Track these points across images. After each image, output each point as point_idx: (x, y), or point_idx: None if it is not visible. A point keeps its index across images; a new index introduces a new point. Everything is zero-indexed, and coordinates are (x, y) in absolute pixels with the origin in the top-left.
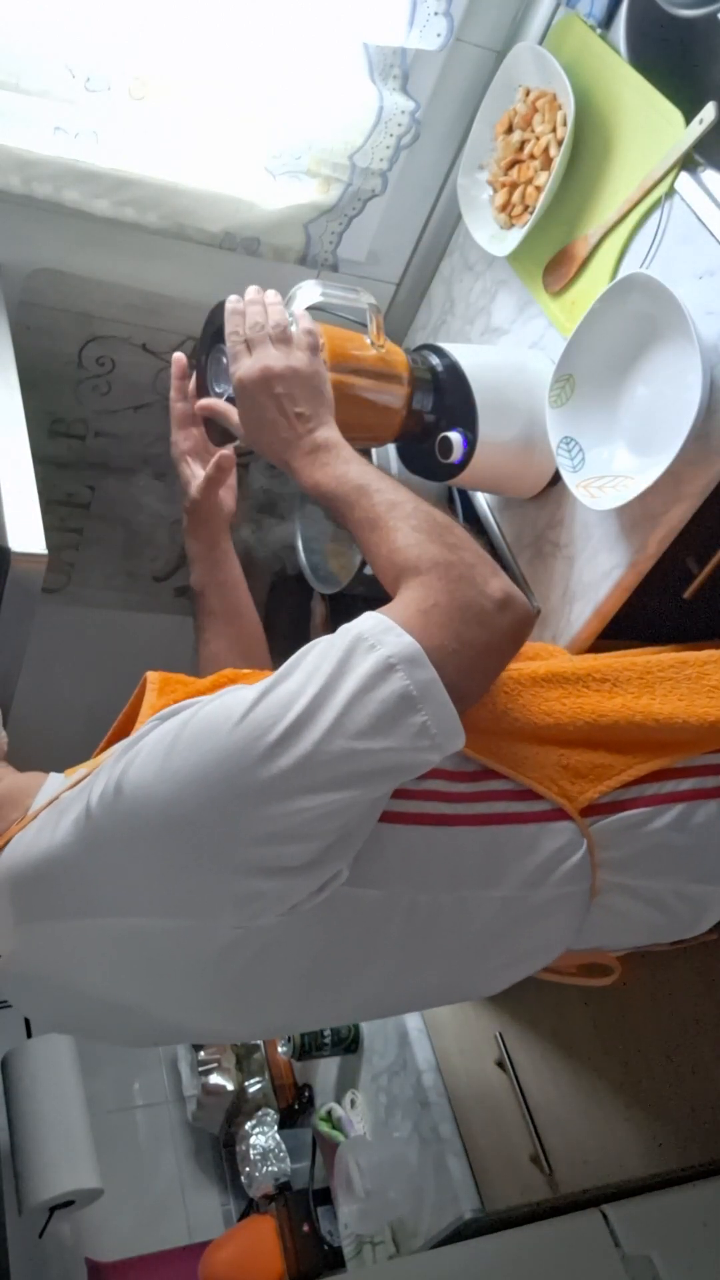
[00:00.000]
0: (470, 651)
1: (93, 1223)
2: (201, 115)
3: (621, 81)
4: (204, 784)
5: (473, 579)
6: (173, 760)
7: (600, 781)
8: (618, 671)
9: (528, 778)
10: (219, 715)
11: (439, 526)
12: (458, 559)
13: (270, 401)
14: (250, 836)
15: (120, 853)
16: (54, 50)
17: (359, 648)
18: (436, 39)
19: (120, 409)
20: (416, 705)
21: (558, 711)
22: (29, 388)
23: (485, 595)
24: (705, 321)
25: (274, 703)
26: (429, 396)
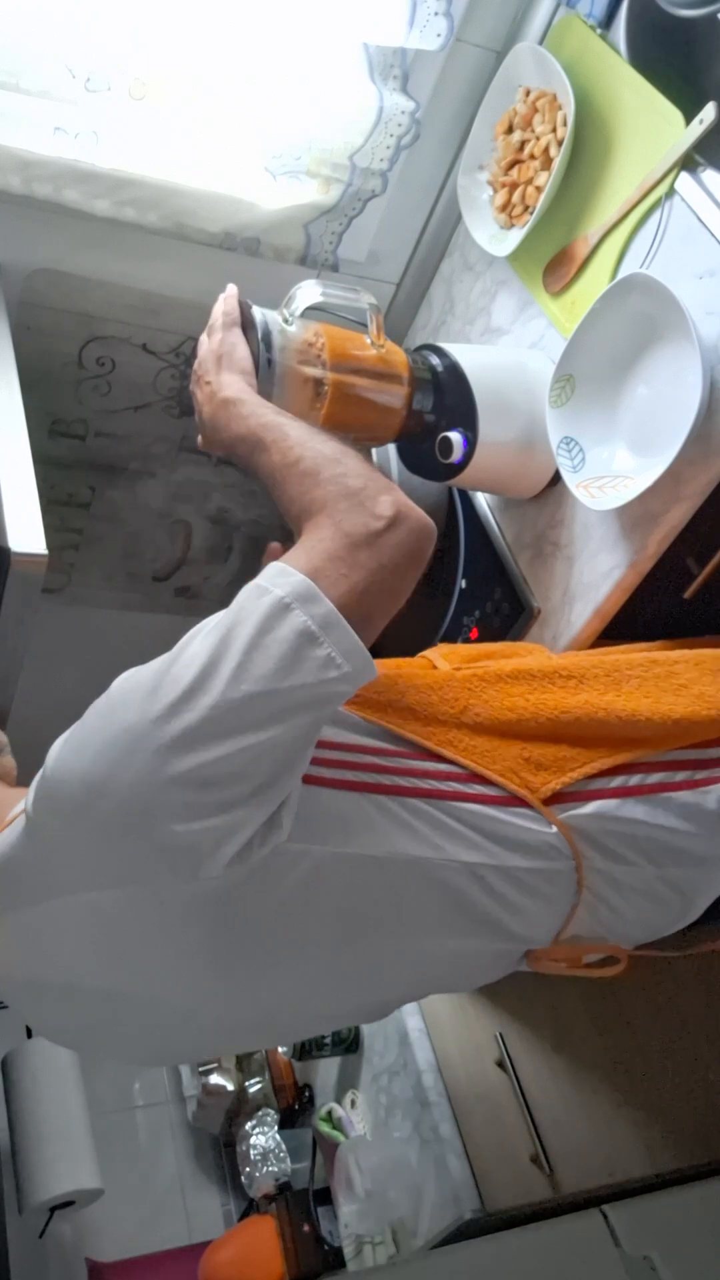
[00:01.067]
0: (365, 575)
1: (93, 1223)
2: (201, 115)
3: (621, 82)
4: (114, 748)
5: (358, 503)
6: (85, 733)
7: (563, 773)
8: (585, 669)
9: (488, 769)
10: (126, 683)
11: (325, 460)
12: (340, 488)
13: (198, 392)
14: (166, 788)
15: (56, 832)
16: (54, 50)
17: (254, 596)
18: (436, 39)
19: (120, 409)
20: (317, 638)
21: (520, 707)
22: (29, 388)
23: (372, 515)
24: (705, 321)
25: (177, 664)
26: (429, 396)
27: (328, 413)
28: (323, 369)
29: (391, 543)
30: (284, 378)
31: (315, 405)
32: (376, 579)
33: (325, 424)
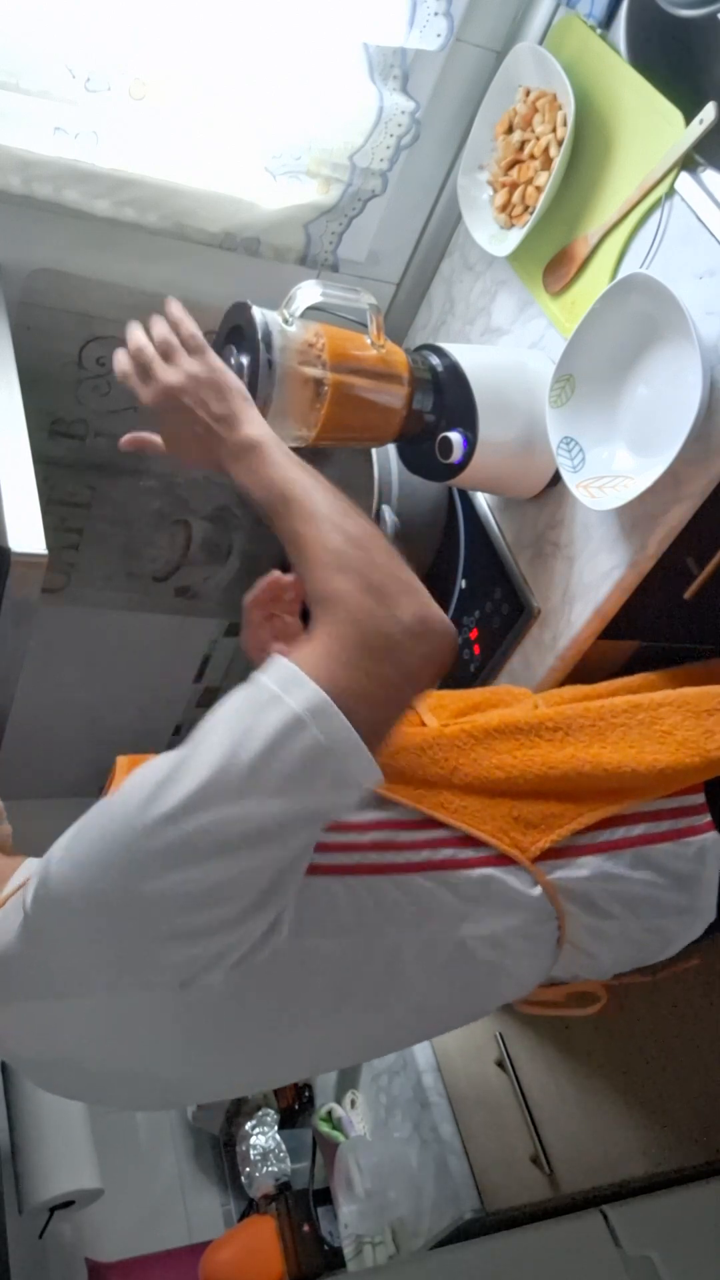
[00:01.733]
0: (383, 687)
1: (93, 1223)
2: (202, 115)
3: (621, 81)
4: (113, 858)
5: (386, 604)
6: (86, 839)
7: (551, 830)
8: (570, 720)
9: (480, 830)
10: (130, 789)
11: (355, 543)
12: (364, 582)
13: (184, 416)
14: (167, 904)
15: (55, 939)
16: (54, 51)
17: (267, 704)
18: (436, 39)
19: (120, 409)
20: (328, 755)
21: (508, 764)
22: (29, 388)
23: (397, 622)
24: (705, 321)
25: (188, 770)
26: (429, 396)
27: (328, 413)
28: (323, 369)
29: (414, 653)
30: (284, 378)
31: (315, 405)
32: (394, 694)
33: (325, 424)
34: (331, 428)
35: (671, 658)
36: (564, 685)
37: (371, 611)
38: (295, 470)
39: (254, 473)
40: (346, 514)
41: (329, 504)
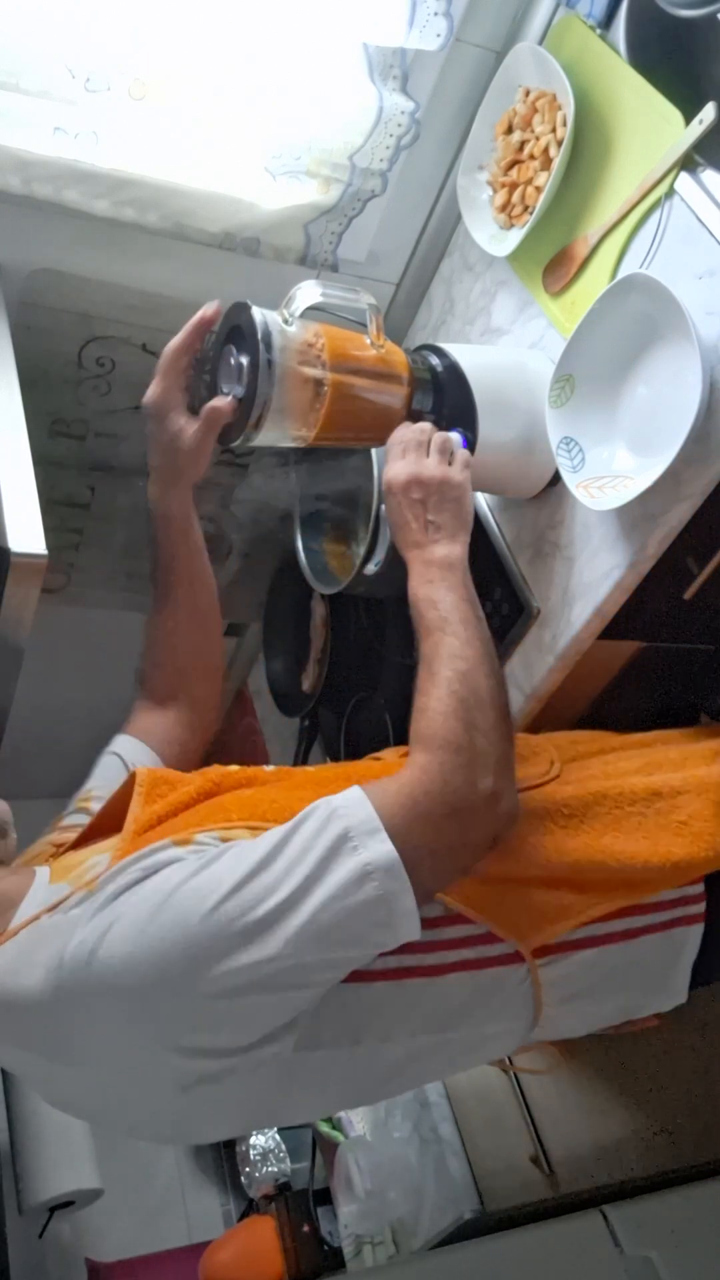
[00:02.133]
0: (447, 851)
1: (93, 1223)
2: (201, 115)
3: (621, 82)
4: (167, 967)
5: (475, 770)
6: (146, 939)
7: (558, 922)
8: (587, 805)
9: (490, 919)
10: (194, 899)
11: (473, 699)
12: (467, 743)
13: (409, 504)
14: (197, 1024)
15: (82, 1015)
16: (54, 51)
17: (342, 848)
18: (436, 39)
19: (120, 409)
20: (382, 909)
21: (521, 850)
22: (29, 388)
23: (476, 792)
24: (705, 322)
25: (250, 895)
26: (429, 397)
27: (327, 413)
28: (323, 369)
29: (483, 823)
30: (284, 378)
31: (315, 405)
32: (455, 857)
33: (325, 424)
34: (331, 428)
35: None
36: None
37: (460, 771)
38: (462, 600)
39: (429, 584)
40: (485, 666)
41: (474, 649)
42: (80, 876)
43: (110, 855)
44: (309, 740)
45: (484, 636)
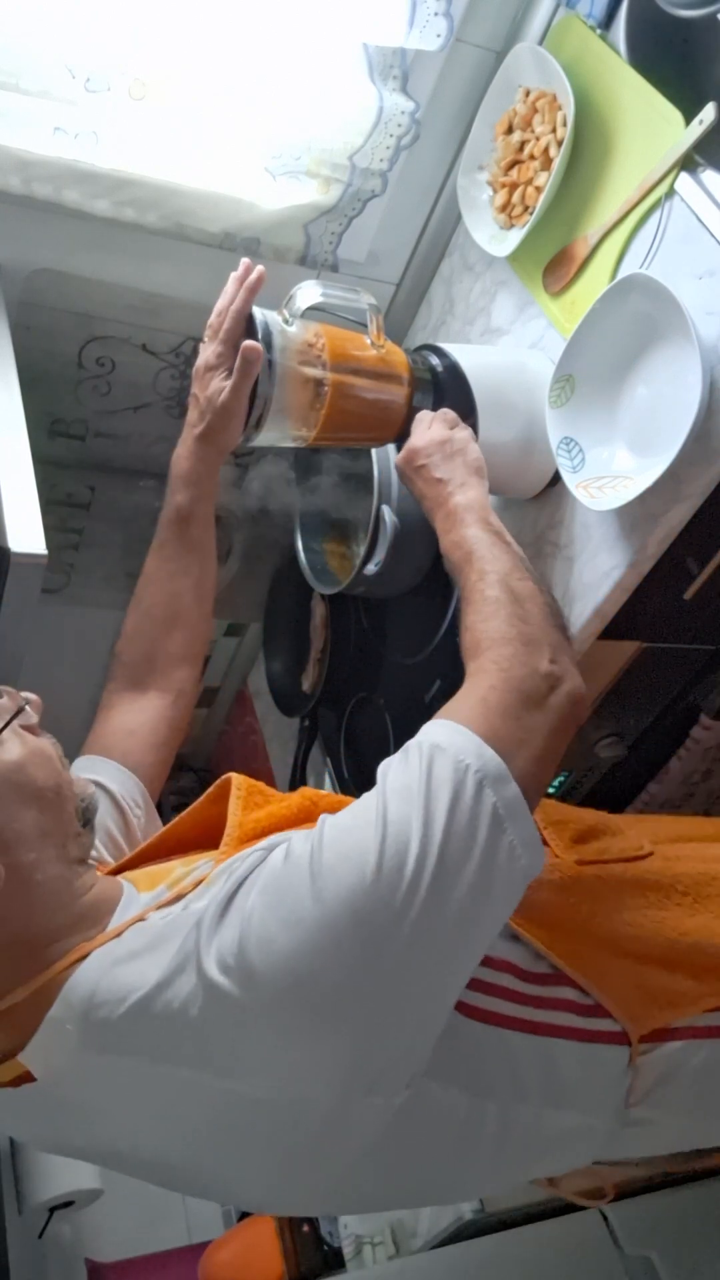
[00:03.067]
0: (535, 738)
1: (93, 1223)
2: (201, 116)
3: (621, 82)
4: (345, 944)
5: (529, 652)
6: (305, 923)
7: (670, 1009)
8: (703, 884)
9: (603, 993)
10: (348, 870)
11: (509, 597)
12: (514, 634)
13: (417, 473)
14: (392, 1001)
15: (238, 1014)
16: (54, 51)
17: (447, 765)
18: (436, 39)
19: (120, 409)
20: (504, 825)
21: (639, 923)
22: (29, 388)
23: (538, 674)
24: (705, 322)
25: (395, 855)
26: (429, 397)
27: (328, 413)
28: (323, 369)
29: (553, 705)
30: (284, 378)
31: (315, 406)
32: (545, 742)
33: (325, 424)
34: (332, 428)
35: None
36: None
37: (515, 657)
38: (483, 531)
39: (451, 532)
40: (513, 573)
41: (502, 563)
42: (178, 882)
43: (213, 860)
44: (309, 740)
45: (514, 552)
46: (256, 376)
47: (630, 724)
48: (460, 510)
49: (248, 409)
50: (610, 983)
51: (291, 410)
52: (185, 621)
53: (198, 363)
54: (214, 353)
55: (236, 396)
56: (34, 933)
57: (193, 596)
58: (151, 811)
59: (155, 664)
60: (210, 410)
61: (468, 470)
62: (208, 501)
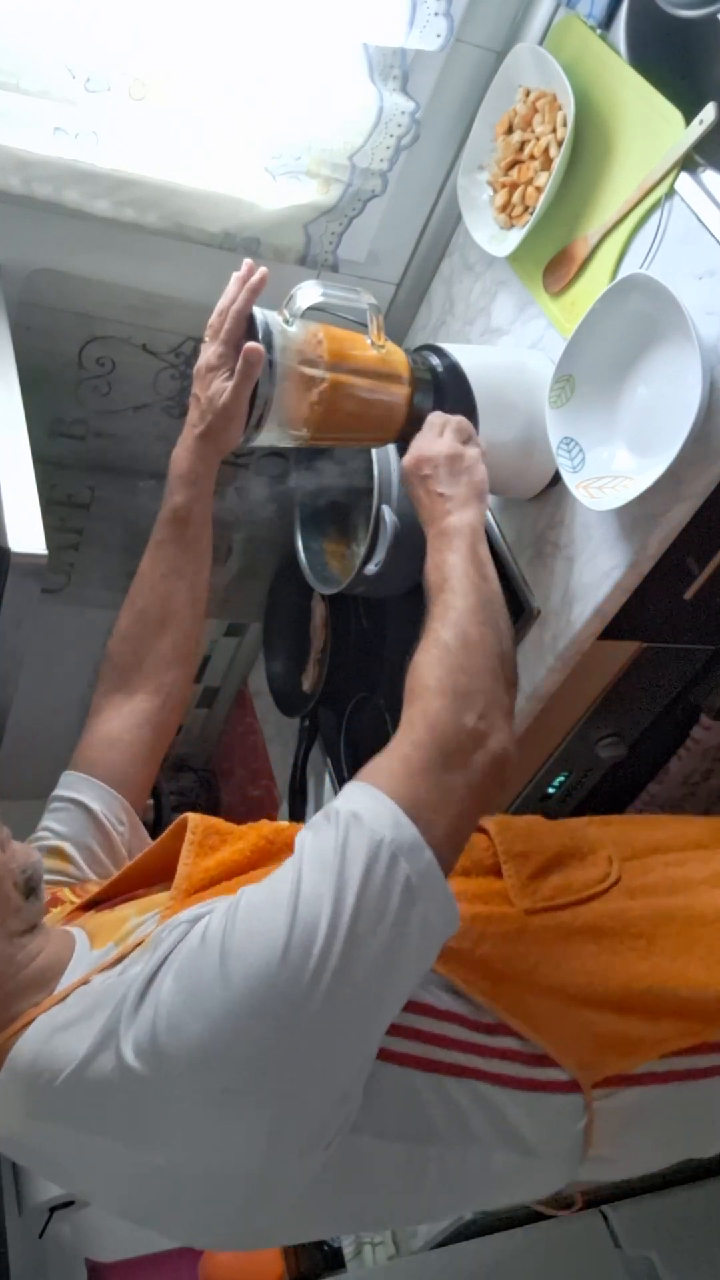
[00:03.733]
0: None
1: (93, 1223)
2: (201, 116)
3: (621, 82)
4: (253, 1026)
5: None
6: (213, 1008)
7: (626, 1056)
8: (659, 923)
9: (550, 1043)
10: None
11: (458, 644)
12: (449, 686)
13: (420, 481)
14: (307, 1070)
15: (154, 1094)
16: (54, 51)
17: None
18: (436, 39)
19: (120, 409)
20: (416, 896)
21: (590, 970)
22: (29, 388)
23: (463, 730)
24: (705, 322)
25: (304, 934)
26: (429, 397)
27: (328, 413)
28: (323, 369)
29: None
30: (285, 378)
31: (315, 405)
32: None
33: (326, 424)
34: (332, 428)
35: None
36: (564, 685)
37: (444, 711)
38: (466, 561)
39: (437, 553)
40: (475, 614)
41: (468, 600)
42: (126, 938)
43: (159, 913)
44: (309, 740)
45: (485, 591)
46: (257, 377)
47: (630, 724)
48: (452, 532)
49: (248, 409)
50: (557, 1032)
51: (292, 410)
52: (178, 623)
53: (199, 363)
54: (215, 353)
55: (237, 397)
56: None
57: (186, 598)
58: (135, 823)
59: (144, 665)
60: (211, 410)
61: (471, 491)
62: (205, 503)
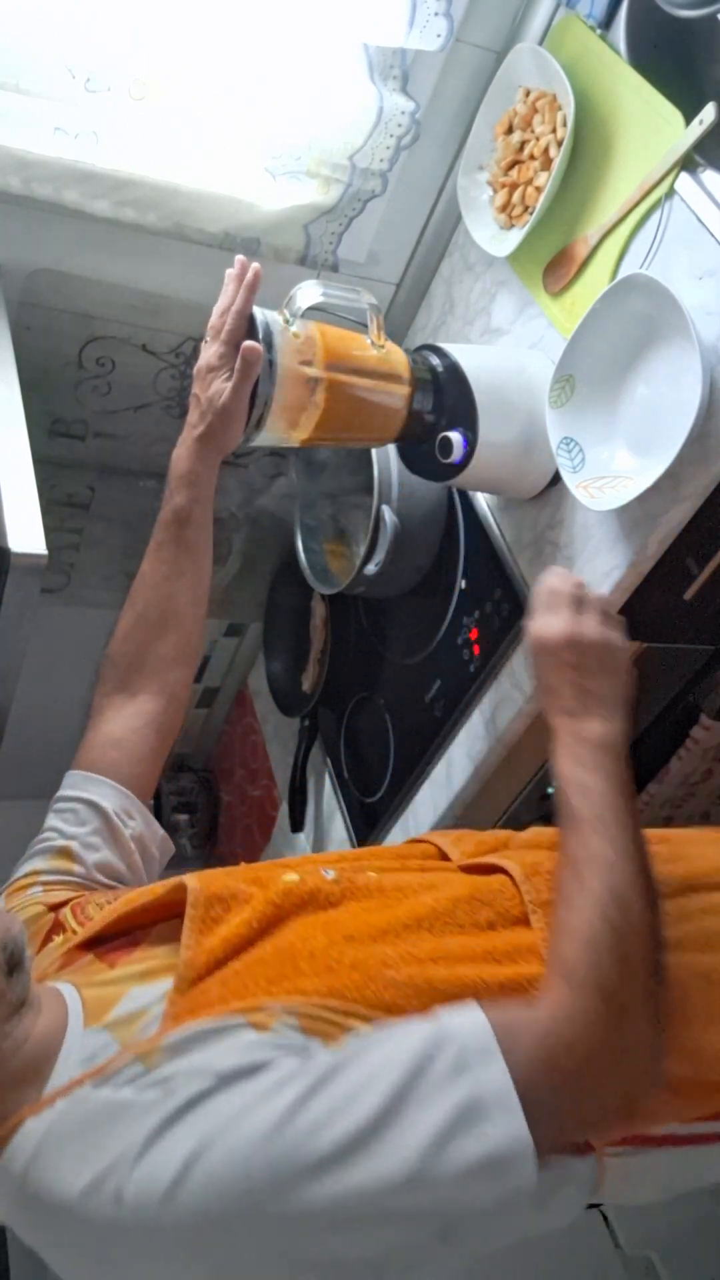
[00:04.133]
0: (573, 1114)
1: None
2: (201, 116)
3: (621, 82)
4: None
5: (619, 1022)
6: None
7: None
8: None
9: None
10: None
11: (627, 927)
12: (616, 987)
13: (562, 666)
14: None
15: (141, 1244)
16: (54, 51)
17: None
18: (436, 39)
19: (120, 409)
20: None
21: None
22: (29, 388)
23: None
24: (705, 322)
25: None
26: (429, 397)
27: (328, 413)
28: (323, 369)
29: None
30: (285, 378)
31: (316, 405)
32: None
33: (326, 424)
34: (332, 428)
35: None
36: None
37: (605, 1022)
38: (624, 800)
39: (582, 764)
40: (641, 882)
41: (635, 867)
42: (126, 1027)
43: (164, 1006)
44: (309, 740)
45: (640, 842)
46: (257, 377)
47: (630, 725)
48: (601, 746)
49: (248, 409)
50: None
51: (292, 410)
52: (179, 624)
53: (199, 363)
54: (215, 353)
55: (237, 397)
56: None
57: (188, 598)
58: (147, 817)
59: (146, 666)
60: (211, 411)
61: (619, 696)
62: (205, 503)
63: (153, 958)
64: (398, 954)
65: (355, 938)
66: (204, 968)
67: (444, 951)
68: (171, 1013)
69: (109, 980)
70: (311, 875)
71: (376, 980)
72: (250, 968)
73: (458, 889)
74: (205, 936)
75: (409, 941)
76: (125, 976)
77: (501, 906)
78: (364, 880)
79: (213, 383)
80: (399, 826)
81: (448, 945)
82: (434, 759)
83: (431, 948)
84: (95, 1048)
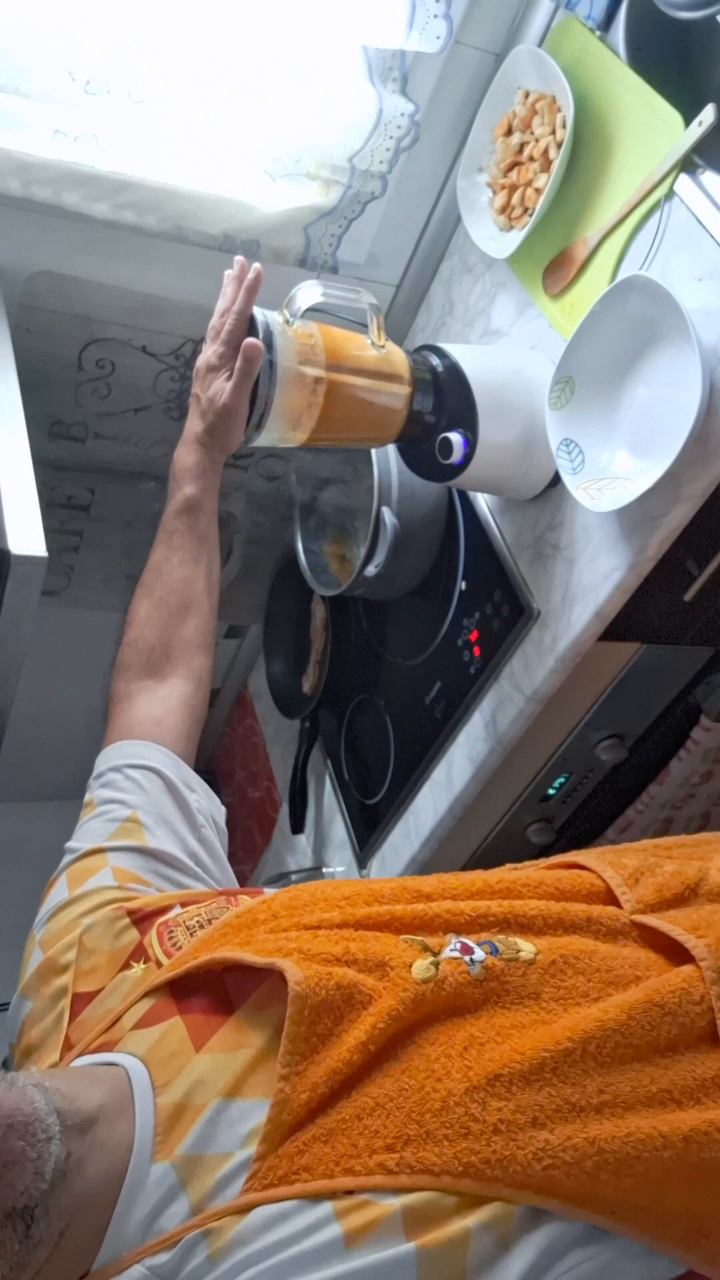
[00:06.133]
0: None
1: None
2: (201, 118)
3: (620, 84)
4: None
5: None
6: None
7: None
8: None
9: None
10: None
11: None
12: None
13: None
14: None
15: None
16: (54, 54)
17: None
18: (436, 41)
19: (120, 411)
20: None
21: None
22: (29, 390)
23: None
24: (705, 323)
25: None
26: (429, 397)
27: (328, 413)
28: (324, 370)
29: None
30: (285, 379)
31: (316, 406)
32: None
33: (326, 424)
34: (332, 428)
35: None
36: (564, 686)
37: None
38: None
39: None
40: None
41: None
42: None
43: (249, 1157)
44: (309, 742)
45: None
46: (257, 377)
47: (631, 726)
48: None
49: (249, 409)
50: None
51: (292, 411)
52: (198, 609)
53: (199, 363)
54: (215, 353)
55: (237, 397)
56: None
57: (204, 585)
58: (208, 790)
59: (172, 651)
60: (211, 411)
61: None
62: (213, 496)
63: (246, 1044)
64: (554, 1104)
65: (502, 1076)
66: (303, 1110)
67: (612, 1094)
68: (258, 1174)
69: (191, 1073)
70: (454, 970)
71: (527, 1147)
72: (362, 1118)
73: (632, 994)
74: (308, 1064)
75: (571, 1081)
76: (210, 1076)
77: (686, 1016)
78: (517, 979)
79: (213, 382)
80: (399, 828)
81: (616, 1085)
82: (434, 760)
83: (597, 1088)
84: (160, 1198)
